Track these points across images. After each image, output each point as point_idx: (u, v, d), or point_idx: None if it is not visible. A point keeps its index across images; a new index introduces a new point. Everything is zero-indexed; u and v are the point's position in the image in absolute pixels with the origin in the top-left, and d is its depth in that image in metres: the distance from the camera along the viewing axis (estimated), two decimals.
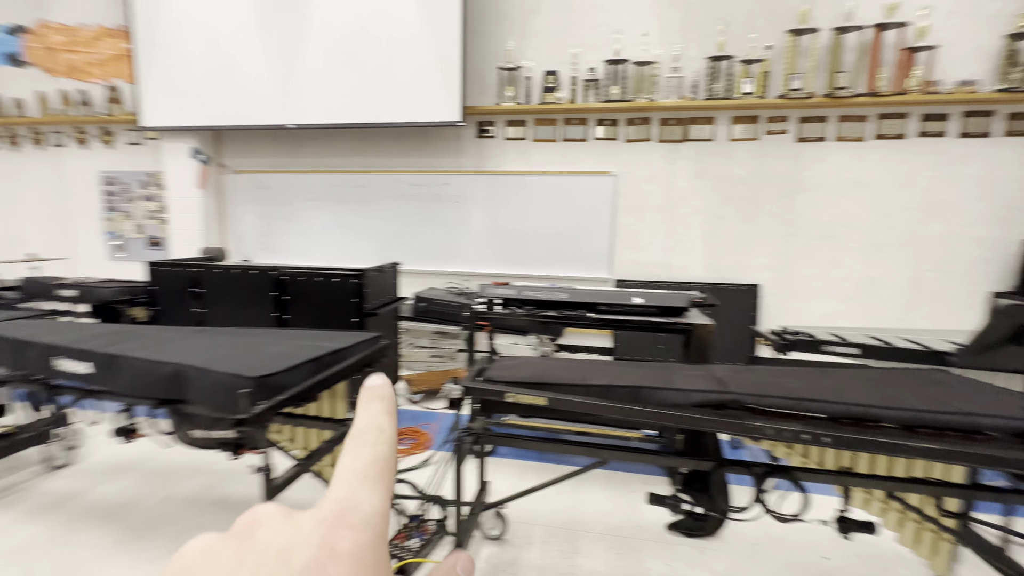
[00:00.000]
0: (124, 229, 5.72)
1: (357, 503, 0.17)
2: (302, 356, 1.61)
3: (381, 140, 4.96)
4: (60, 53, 5.56)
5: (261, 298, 2.73)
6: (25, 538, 1.95)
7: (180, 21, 4.85)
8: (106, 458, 2.59)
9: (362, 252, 5.13)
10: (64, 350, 1.66)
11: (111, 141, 5.60)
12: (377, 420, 0.21)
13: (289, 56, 4.62)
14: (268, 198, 5.29)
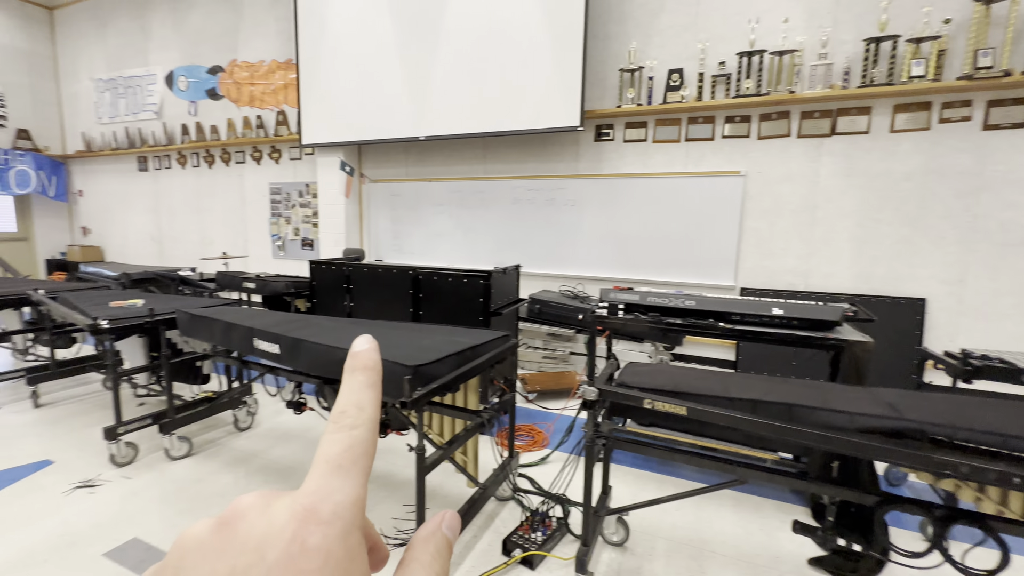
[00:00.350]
0: (284, 232, 6.72)
1: (330, 494, 0.18)
2: (447, 350, 1.76)
3: (501, 148, 5.18)
4: (244, 86, 6.72)
5: (400, 295, 3.03)
6: (223, 485, 2.40)
7: (334, 51, 5.56)
8: (276, 426, 3.08)
9: (480, 254, 5.41)
10: (261, 332, 2.02)
11: (278, 158, 6.61)
12: (357, 397, 0.21)
13: (422, 74, 5.05)
14: (399, 204, 5.82)
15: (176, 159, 7.51)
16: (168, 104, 7.43)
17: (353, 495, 0.18)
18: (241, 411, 2.97)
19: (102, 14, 7.93)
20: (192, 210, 7.49)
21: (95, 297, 3.01)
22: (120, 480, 2.40)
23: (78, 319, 2.43)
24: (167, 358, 2.56)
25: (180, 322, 2.46)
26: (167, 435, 2.56)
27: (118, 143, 8.05)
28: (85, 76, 8.31)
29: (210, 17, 6.85)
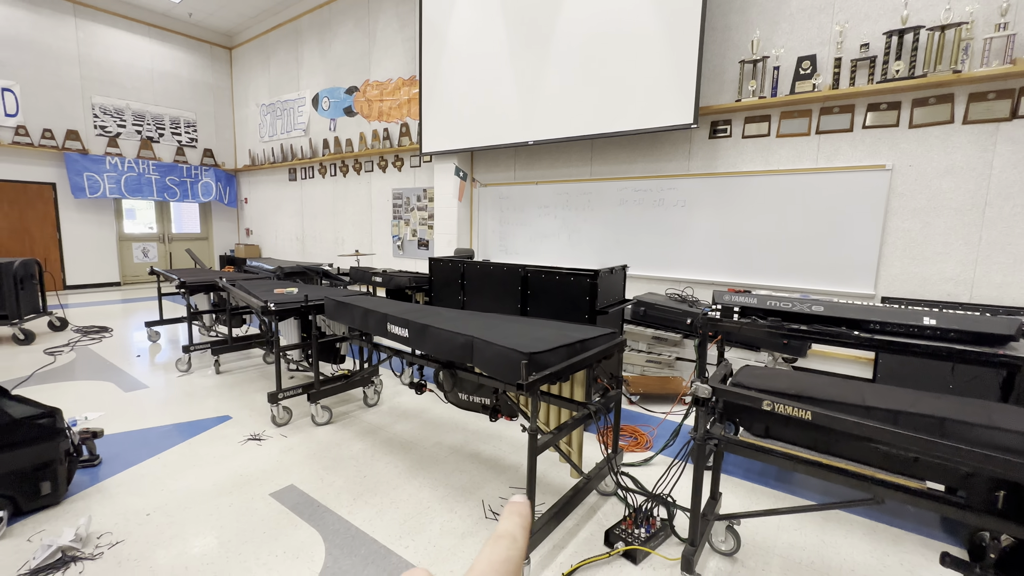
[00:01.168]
0: (403, 233, 7.38)
1: None
2: (558, 341, 1.85)
3: (609, 149, 5.18)
4: (374, 103, 7.52)
5: (510, 290, 3.21)
6: (356, 451, 2.75)
7: (452, 66, 5.99)
8: (397, 405, 3.43)
9: (584, 255, 5.45)
10: (393, 318, 2.30)
11: (400, 166, 7.29)
12: (514, 531, 0.26)
13: (532, 81, 5.24)
14: (506, 206, 6.09)
15: (318, 170, 8.63)
16: (313, 122, 8.57)
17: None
18: (370, 389, 3.36)
19: (267, 49, 9.41)
20: (329, 213, 8.56)
21: (262, 285, 3.63)
22: (278, 437, 2.87)
23: (253, 302, 2.96)
24: (316, 338, 3.00)
25: (327, 307, 2.88)
26: (313, 404, 3.00)
27: (274, 158, 9.48)
28: (252, 102, 9.92)
29: (349, 44, 7.77)
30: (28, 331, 4.78)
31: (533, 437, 1.58)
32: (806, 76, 3.90)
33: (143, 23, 9.03)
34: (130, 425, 3.02)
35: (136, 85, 9.06)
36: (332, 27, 8.01)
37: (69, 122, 8.33)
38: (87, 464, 2.46)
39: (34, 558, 1.76)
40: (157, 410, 3.26)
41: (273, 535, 1.98)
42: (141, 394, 3.54)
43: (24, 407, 2.19)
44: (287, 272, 5.46)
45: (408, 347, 2.27)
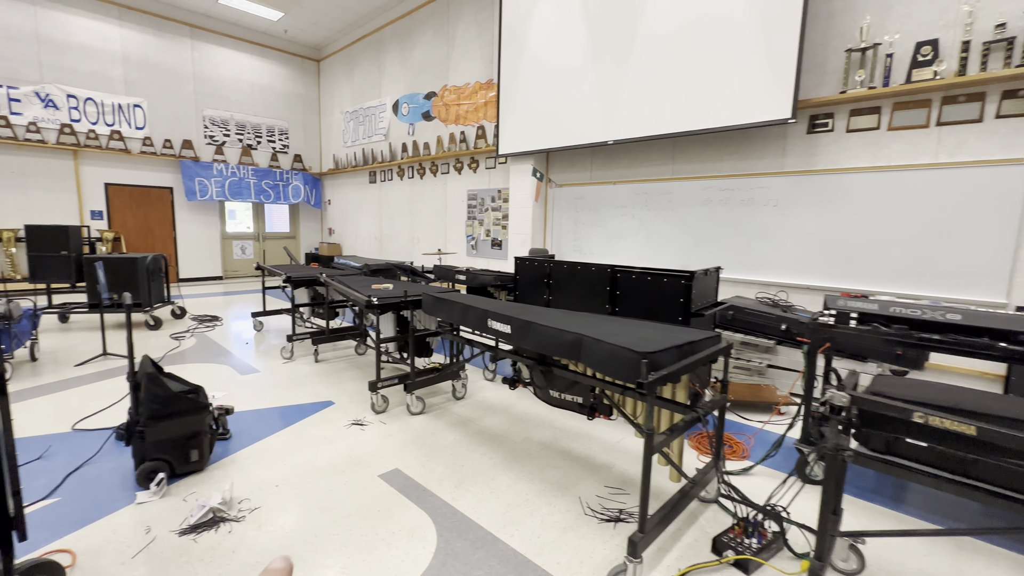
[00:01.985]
0: (477, 233, 7.57)
1: None
2: (669, 342, 1.84)
3: (692, 147, 5.02)
4: (451, 107, 7.78)
5: (598, 290, 3.21)
6: (450, 441, 2.87)
7: (530, 68, 6.07)
8: (484, 399, 3.54)
9: (663, 256, 5.32)
10: (495, 314, 2.39)
11: (476, 168, 7.48)
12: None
13: (613, 80, 5.19)
14: (582, 206, 6.07)
15: (396, 172, 9.06)
16: (393, 127, 9.01)
17: None
18: (458, 383, 3.50)
19: (351, 59, 10.01)
20: (405, 214, 8.95)
21: (357, 281, 3.88)
22: (378, 424, 3.06)
23: (356, 296, 3.18)
24: (412, 332, 3.17)
25: (425, 303, 3.03)
26: (409, 394, 3.17)
27: (356, 161, 10.07)
28: (337, 110, 10.60)
29: (429, 52, 8.09)
30: (157, 318, 5.43)
31: (649, 437, 1.58)
32: (925, 63, 3.56)
33: (246, 41, 9.93)
34: (249, 405, 3.34)
35: (239, 98, 9.97)
36: (413, 36, 8.37)
37: (184, 132, 9.34)
38: (221, 437, 2.76)
39: (191, 515, 2.01)
40: (269, 392, 3.59)
41: (387, 513, 2.13)
42: (254, 377, 3.91)
43: (175, 383, 2.50)
44: (373, 269, 5.78)
45: (509, 343, 2.34)
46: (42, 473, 2.39)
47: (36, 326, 4.22)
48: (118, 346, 4.73)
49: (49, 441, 2.73)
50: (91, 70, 8.22)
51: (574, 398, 2.62)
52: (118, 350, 4.60)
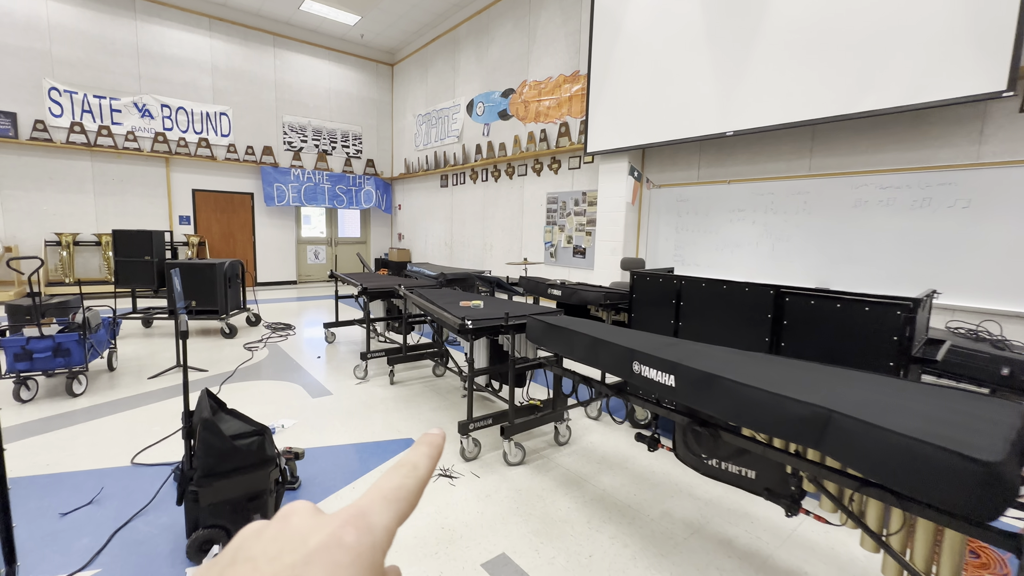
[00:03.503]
0: (557, 239, 6.93)
1: (369, 513, 0.22)
2: (989, 430, 1.08)
3: (839, 136, 4.08)
4: (531, 104, 7.22)
5: (753, 319, 2.45)
6: (564, 510, 2.23)
7: (626, 54, 5.35)
8: (591, 446, 2.87)
9: (793, 270, 4.39)
10: (647, 357, 1.72)
11: (557, 168, 6.86)
12: (417, 460, 0.25)
13: (735, 60, 4.36)
14: (686, 210, 5.25)
15: (469, 175, 8.64)
16: (467, 128, 8.61)
17: (388, 522, 0.22)
18: (562, 425, 2.85)
19: (425, 61, 9.77)
20: (478, 219, 8.50)
21: (445, 296, 3.35)
22: (471, 476, 2.48)
23: (446, 318, 2.63)
24: (513, 364, 2.57)
25: (532, 329, 2.42)
26: (508, 440, 2.56)
27: (427, 165, 9.79)
28: (409, 113, 10.41)
29: (507, 46, 7.60)
30: (232, 326, 5.25)
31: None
32: None
33: (323, 47, 9.99)
34: (320, 438, 2.89)
35: (316, 103, 10.04)
36: (490, 31, 7.93)
37: (265, 139, 9.49)
38: (289, 487, 2.29)
39: None
40: (342, 421, 3.13)
41: None
42: (326, 401, 3.49)
43: (237, 423, 2.04)
44: (449, 278, 5.31)
45: (673, 398, 1.66)
46: (88, 525, 2.01)
47: (116, 334, 4.08)
48: (196, 356, 4.54)
49: (105, 478, 2.38)
50: (183, 80, 8.50)
51: (743, 471, 1.89)
52: (196, 360, 4.40)
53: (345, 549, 0.20)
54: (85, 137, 7.68)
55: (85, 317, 3.41)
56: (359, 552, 0.20)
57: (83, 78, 7.65)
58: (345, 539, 0.20)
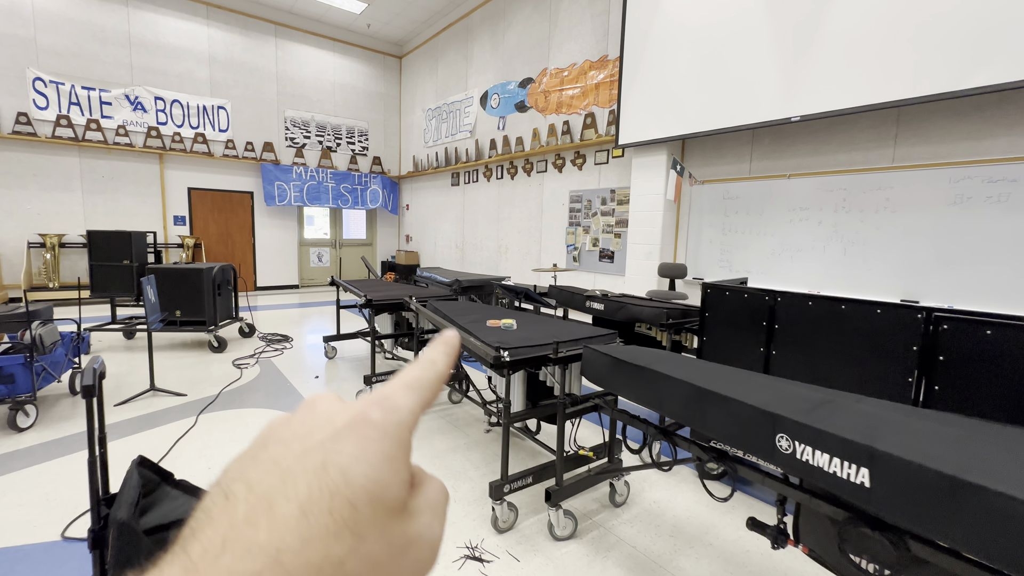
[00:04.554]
0: (581, 241, 6.31)
1: (393, 396, 0.22)
2: None
3: (932, 119, 3.43)
4: (551, 93, 6.61)
5: (885, 351, 1.82)
6: None
7: (667, 31, 4.72)
8: (654, 508, 2.25)
9: (871, 278, 3.74)
10: (807, 432, 1.10)
11: (581, 164, 6.23)
12: (433, 355, 0.25)
13: (803, 35, 3.73)
14: (734, 209, 4.61)
15: (483, 173, 8.04)
16: (480, 122, 8.01)
17: (412, 405, 0.22)
18: (619, 481, 2.22)
19: (435, 52, 9.18)
20: (492, 219, 7.89)
21: (467, 311, 2.74)
22: (508, 558, 1.86)
23: (476, 346, 2.02)
24: (564, 407, 1.95)
25: (589, 364, 1.80)
26: (555, 508, 1.94)
27: (438, 162, 9.20)
28: (419, 108, 9.83)
29: (525, 32, 6.99)
30: (221, 339, 4.67)
31: None
32: None
33: (329, 38, 9.44)
34: None
35: (320, 98, 9.49)
36: (506, 16, 7.33)
37: (265, 134, 8.94)
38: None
39: None
40: None
41: None
42: None
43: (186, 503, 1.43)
44: (464, 286, 4.70)
45: (868, 505, 1.03)
46: None
47: (81, 352, 3.50)
48: (177, 375, 3.97)
49: (20, 561, 1.79)
50: (178, 71, 7.97)
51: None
52: (176, 380, 3.82)
53: (372, 425, 0.21)
54: (72, 131, 7.15)
55: (34, 336, 2.82)
56: (386, 428, 0.21)
57: (70, 68, 7.13)
58: (372, 416, 0.21)
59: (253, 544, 0.17)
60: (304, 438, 0.20)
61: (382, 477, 0.20)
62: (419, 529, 0.21)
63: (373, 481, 0.19)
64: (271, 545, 0.17)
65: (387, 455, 0.20)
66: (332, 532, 0.18)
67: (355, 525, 0.18)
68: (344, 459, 0.19)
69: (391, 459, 0.20)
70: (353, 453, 0.19)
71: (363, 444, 0.20)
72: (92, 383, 1.15)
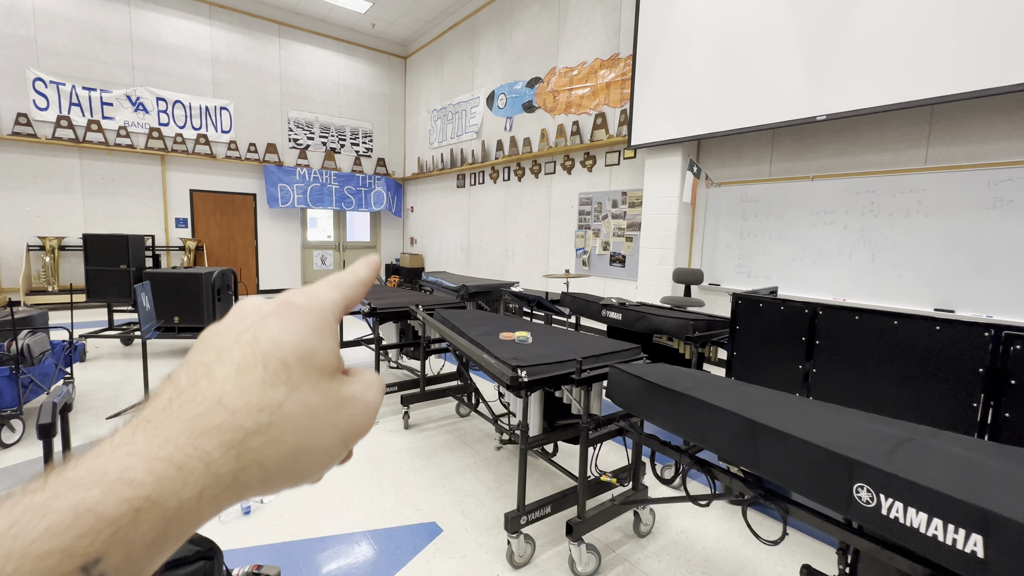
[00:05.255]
0: (591, 245, 6.13)
1: (315, 288, 0.25)
2: None
3: (968, 118, 3.24)
4: (560, 93, 6.44)
5: (947, 374, 1.63)
6: None
7: (683, 32, 4.55)
8: (682, 539, 2.07)
9: (901, 286, 3.55)
10: (896, 483, 0.92)
11: (591, 165, 6.06)
12: (357, 266, 0.27)
13: (830, 32, 3.55)
14: (753, 212, 4.43)
15: (489, 174, 7.87)
16: (487, 123, 7.85)
17: (334, 295, 0.24)
18: (644, 510, 2.04)
19: (441, 52, 9.04)
20: (499, 222, 7.72)
21: (477, 322, 2.57)
22: None
23: (491, 364, 1.84)
24: (588, 431, 1.77)
25: (616, 386, 1.63)
26: (576, 543, 1.76)
27: (443, 164, 9.05)
28: (423, 109, 9.69)
29: (533, 31, 6.83)
30: None
31: None
32: None
33: (333, 38, 9.31)
34: (310, 522, 2.12)
35: (324, 98, 9.36)
36: (514, 15, 7.17)
37: (269, 136, 8.82)
38: None
39: None
40: (342, 492, 2.35)
41: None
42: None
43: None
44: (472, 291, 4.53)
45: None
46: None
47: (73, 361, 3.35)
48: None
49: None
50: (181, 71, 7.86)
51: None
52: None
53: (297, 306, 0.23)
54: (73, 132, 7.04)
55: (20, 347, 2.67)
56: (308, 309, 0.23)
57: (71, 68, 7.02)
58: (296, 300, 0.23)
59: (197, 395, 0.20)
60: (235, 325, 0.22)
61: (309, 343, 0.22)
62: (352, 392, 0.23)
63: (301, 347, 0.22)
64: (212, 393, 0.20)
65: (312, 328, 0.23)
66: (267, 382, 0.20)
67: (288, 378, 0.21)
68: (273, 332, 0.22)
69: (316, 331, 0.23)
70: (281, 326, 0.22)
71: (290, 320, 0.22)
72: (50, 421, 0.98)
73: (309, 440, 0.21)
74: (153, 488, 0.17)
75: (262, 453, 0.19)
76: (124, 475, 0.17)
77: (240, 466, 0.19)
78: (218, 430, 0.19)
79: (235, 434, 0.19)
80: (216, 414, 0.19)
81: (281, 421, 0.20)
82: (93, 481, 0.17)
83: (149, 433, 0.18)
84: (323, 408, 0.21)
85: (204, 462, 0.18)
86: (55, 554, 0.15)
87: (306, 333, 0.22)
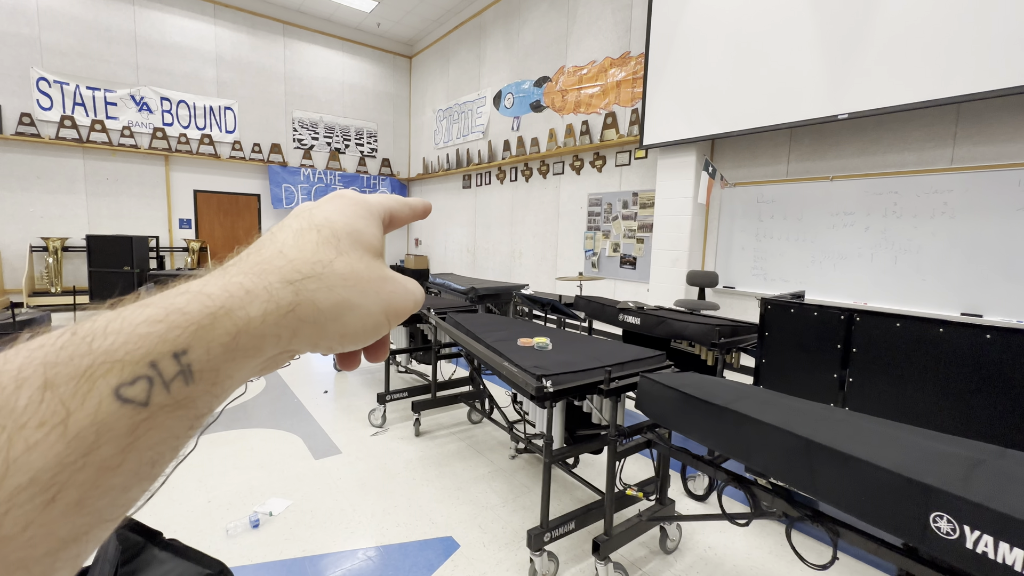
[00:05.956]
0: (600, 247, 6.04)
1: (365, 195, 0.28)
2: None
3: (996, 117, 3.14)
4: (569, 92, 6.35)
5: (1000, 386, 1.54)
6: None
7: (697, 29, 4.46)
8: (710, 553, 1.98)
9: (925, 290, 3.45)
10: (993, 518, 0.83)
11: (601, 165, 5.97)
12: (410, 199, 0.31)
13: (852, 28, 3.45)
14: (769, 213, 4.33)
15: (496, 175, 7.79)
16: (494, 122, 7.77)
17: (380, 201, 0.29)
18: (671, 525, 1.95)
19: (447, 52, 8.96)
20: (505, 223, 7.64)
21: (492, 327, 2.48)
22: None
23: (513, 373, 1.75)
24: (616, 444, 1.68)
25: (647, 395, 1.54)
26: (604, 562, 1.67)
27: (448, 164, 8.97)
28: (429, 108, 9.61)
29: (541, 29, 6.75)
30: None
31: None
32: None
33: (338, 38, 9.25)
34: (321, 536, 2.03)
35: (329, 98, 9.29)
36: (521, 13, 7.09)
37: (273, 136, 8.76)
38: None
39: None
40: (353, 503, 2.27)
41: None
42: (333, 465, 2.63)
43: (178, 567, 1.18)
44: (481, 294, 4.44)
45: None
46: None
47: None
48: None
49: None
50: (185, 71, 7.80)
51: None
52: None
53: (345, 197, 0.27)
54: (76, 132, 6.99)
55: None
56: (356, 200, 0.27)
57: (75, 68, 6.97)
58: (346, 193, 0.28)
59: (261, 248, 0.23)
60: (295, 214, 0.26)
61: (357, 224, 0.26)
62: (395, 275, 0.26)
63: (349, 225, 0.25)
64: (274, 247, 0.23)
65: (359, 215, 0.26)
66: (320, 243, 0.24)
67: (338, 244, 0.24)
68: (326, 211, 0.26)
69: (363, 217, 0.26)
70: (333, 207, 0.26)
71: (340, 204, 0.26)
72: None
73: (355, 298, 0.23)
74: (225, 300, 0.20)
75: (316, 295, 0.22)
76: (203, 289, 0.20)
77: (297, 300, 0.21)
78: (279, 271, 0.22)
79: (293, 275, 0.22)
80: (277, 260, 0.22)
81: (331, 275, 0.23)
82: (179, 292, 0.19)
83: (221, 272, 0.21)
84: (368, 276, 0.24)
85: (267, 290, 0.21)
86: (152, 337, 0.18)
87: (354, 217, 0.26)
